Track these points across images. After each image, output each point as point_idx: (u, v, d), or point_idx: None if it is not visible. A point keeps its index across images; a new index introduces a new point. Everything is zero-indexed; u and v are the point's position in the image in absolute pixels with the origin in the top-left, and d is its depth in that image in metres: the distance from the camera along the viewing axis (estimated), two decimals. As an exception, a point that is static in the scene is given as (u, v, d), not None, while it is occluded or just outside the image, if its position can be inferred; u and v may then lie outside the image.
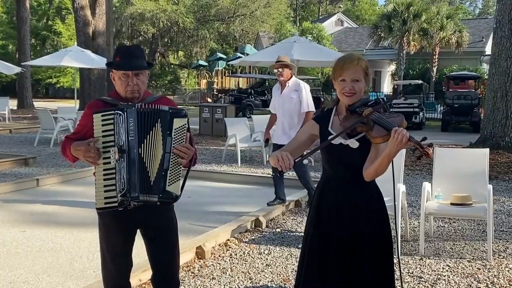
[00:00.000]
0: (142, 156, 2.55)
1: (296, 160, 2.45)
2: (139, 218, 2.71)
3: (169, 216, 2.80)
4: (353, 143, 2.51)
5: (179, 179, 2.64)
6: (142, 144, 2.55)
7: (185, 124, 2.64)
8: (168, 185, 2.57)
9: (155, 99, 2.77)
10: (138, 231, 2.81)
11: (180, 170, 2.63)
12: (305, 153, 2.62)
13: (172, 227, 2.81)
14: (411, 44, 28.67)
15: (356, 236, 2.54)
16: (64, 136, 2.76)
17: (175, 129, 2.59)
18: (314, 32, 32.04)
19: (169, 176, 2.57)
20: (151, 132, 2.57)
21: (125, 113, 2.54)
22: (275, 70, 6.06)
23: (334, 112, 2.64)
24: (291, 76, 6.06)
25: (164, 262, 2.82)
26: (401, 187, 4.95)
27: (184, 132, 2.63)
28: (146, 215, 2.69)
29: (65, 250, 4.81)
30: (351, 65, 2.50)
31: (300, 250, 2.80)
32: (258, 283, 4.04)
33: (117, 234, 2.74)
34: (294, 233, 5.35)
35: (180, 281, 3.07)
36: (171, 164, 2.57)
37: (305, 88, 6.02)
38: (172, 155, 2.57)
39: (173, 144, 2.58)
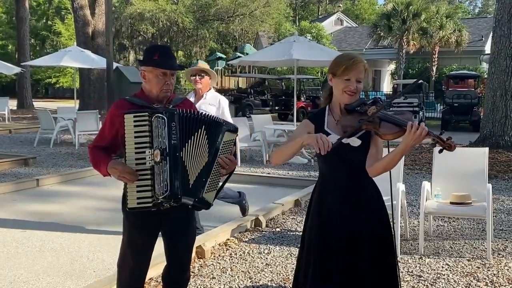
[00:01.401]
0: (184, 159, 2.57)
1: (334, 144, 2.32)
2: (164, 211, 2.68)
3: (192, 214, 2.87)
4: (355, 141, 2.49)
5: (216, 189, 2.70)
6: (184, 148, 2.57)
7: (234, 139, 2.73)
8: (205, 192, 2.63)
9: (180, 100, 2.84)
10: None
11: (219, 181, 2.70)
12: (336, 140, 2.42)
13: (192, 219, 2.88)
14: (410, 43, 28.67)
15: (355, 236, 2.54)
16: (92, 146, 2.70)
17: (224, 142, 2.67)
18: (313, 31, 32.03)
19: (208, 184, 2.64)
20: (192, 137, 2.59)
21: (166, 116, 2.54)
22: (192, 77, 5.13)
23: (327, 111, 2.62)
24: (210, 88, 5.28)
25: (179, 256, 2.88)
26: (401, 186, 4.95)
27: (232, 146, 2.72)
28: (173, 208, 2.67)
29: (65, 250, 4.81)
30: (359, 65, 2.49)
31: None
32: (258, 282, 4.05)
33: (141, 231, 2.76)
34: (294, 233, 5.36)
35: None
36: (212, 173, 2.64)
37: (226, 105, 5.30)
38: (216, 165, 2.64)
39: (219, 155, 2.65)
